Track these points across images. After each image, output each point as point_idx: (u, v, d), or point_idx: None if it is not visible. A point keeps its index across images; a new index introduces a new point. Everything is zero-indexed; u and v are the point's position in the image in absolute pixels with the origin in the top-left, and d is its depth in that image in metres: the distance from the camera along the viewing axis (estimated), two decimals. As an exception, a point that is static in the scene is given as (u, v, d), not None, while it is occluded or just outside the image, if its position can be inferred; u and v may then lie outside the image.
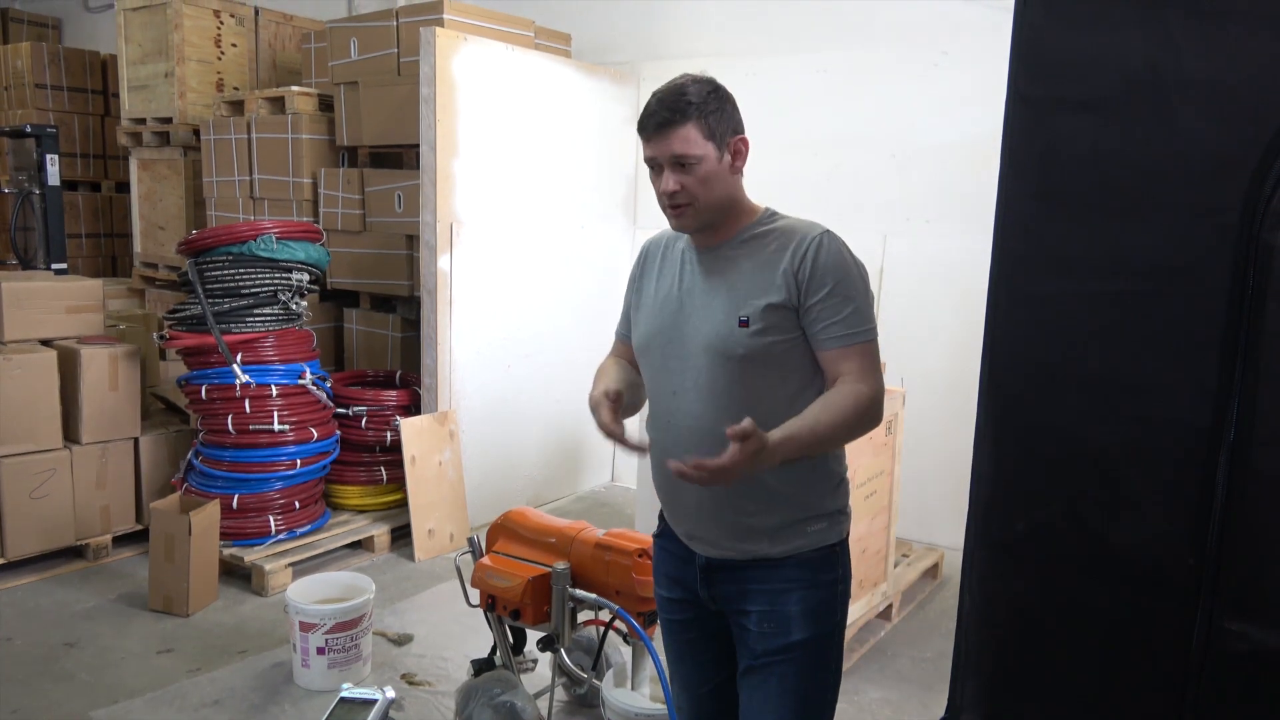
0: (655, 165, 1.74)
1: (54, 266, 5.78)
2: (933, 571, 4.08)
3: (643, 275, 1.94)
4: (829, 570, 1.80)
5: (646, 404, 1.92)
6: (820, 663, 1.81)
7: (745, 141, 1.78)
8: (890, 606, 3.64)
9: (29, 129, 5.93)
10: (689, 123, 1.70)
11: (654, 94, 1.75)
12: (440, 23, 4.40)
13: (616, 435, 1.78)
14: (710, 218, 1.76)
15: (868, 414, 1.69)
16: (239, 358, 3.90)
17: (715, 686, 1.95)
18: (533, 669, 2.88)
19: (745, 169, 1.81)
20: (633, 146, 5.27)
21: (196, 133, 5.60)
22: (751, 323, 1.70)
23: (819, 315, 1.70)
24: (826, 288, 1.69)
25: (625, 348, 2.00)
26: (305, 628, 3.02)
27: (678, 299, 1.82)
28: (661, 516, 1.97)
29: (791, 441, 1.60)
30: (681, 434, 1.78)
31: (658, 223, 1.85)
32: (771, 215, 1.82)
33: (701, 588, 1.85)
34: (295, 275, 4.06)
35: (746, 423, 1.52)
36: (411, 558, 4.21)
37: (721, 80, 1.82)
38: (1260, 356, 1.04)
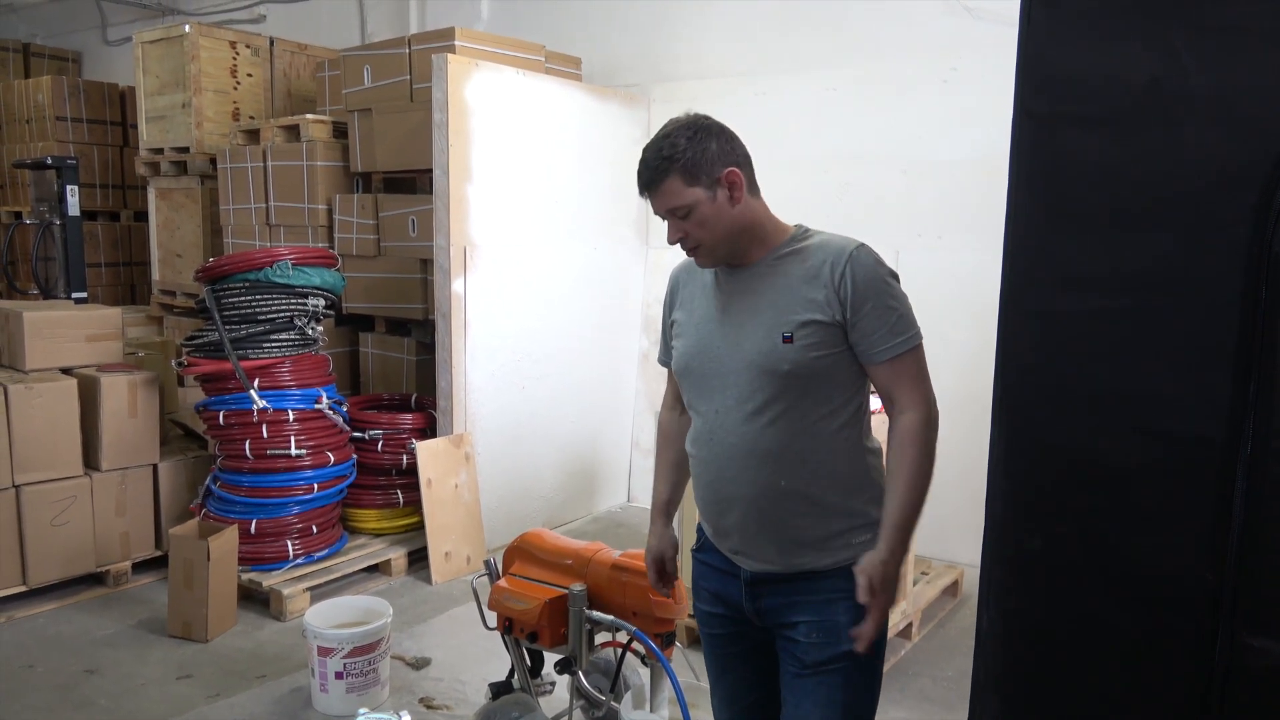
0: (661, 216, 1.79)
1: (74, 295, 5.85)
2: (952, 589, 4.05)
3: (676, 301, 1.96)
4: None
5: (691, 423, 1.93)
6: (866, 672, 1.82)
7: (735, 173, 1.75)
8: (910, 625, 3.61)
9: (50, 161, 6.03)
10: (669, 177, 1.72)
11: (643, 150, 1.78)
12: (452, 49, 4.45)
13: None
14: (725, 251, 1.79)
15: (929, 438, 1.78)
16: (256, 383, 3.93)
17: (758, 699, 1.95)
18: (551, 691, 2.86)
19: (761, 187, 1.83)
20: (644, 167, 5.30)
21: (213, 161, 5.67)
22: (796, 338, 1.72)
23: (868, 328, 1.72)
24: (870, 300, 1.71)
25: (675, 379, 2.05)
26: (323, 652, 3.03)
27: (715, 319, 1.84)
28: (700, 530, 1.97)
29: (896, 534, 1.72)
30: (725, 450, 1.80)
31: (669, 242, 1.86)
32: (805, 233, 1.83)
33: (747, 602, 1.86)
34: (311, 300, 4.10)
35: (861, 580, 1.70)
36: (428, 581, 4.21)
37: (730, 99, 1.84)
38: (1274, 369, 1.03)
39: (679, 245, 1.79)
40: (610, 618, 2.50)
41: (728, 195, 1.75)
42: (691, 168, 1.73)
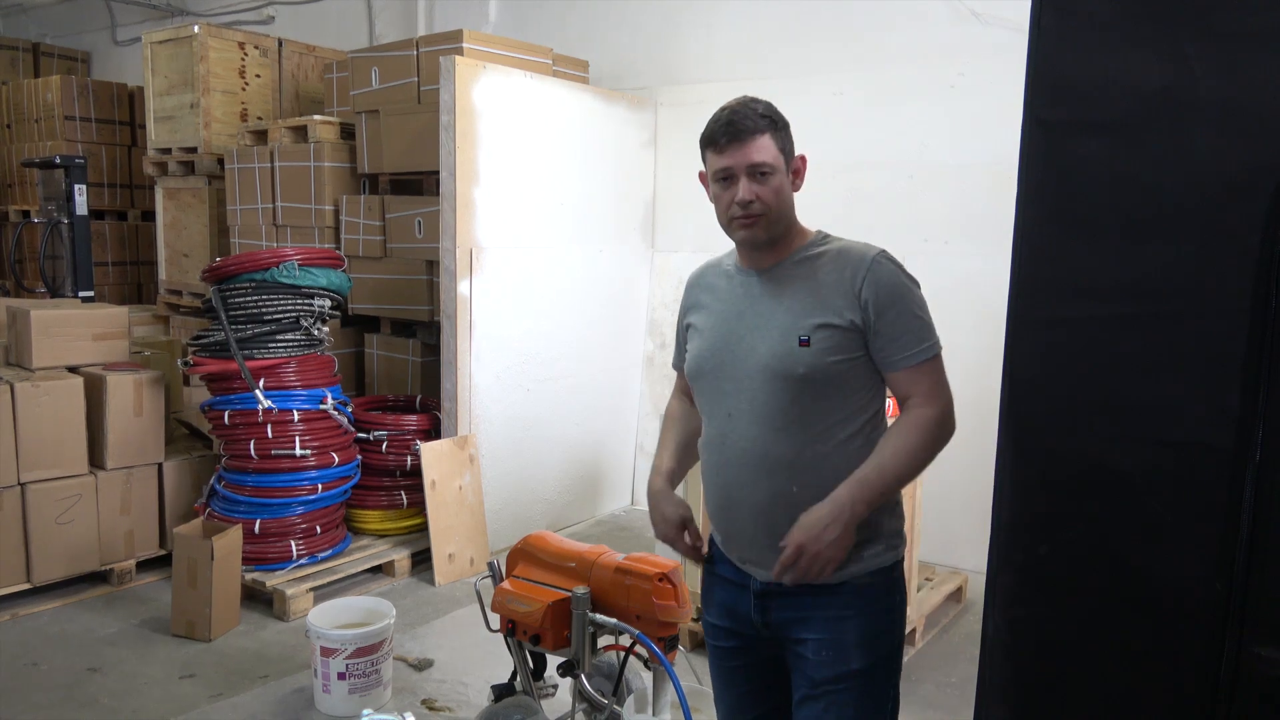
0: (728, 177, 1.76)
1: (81, 294, 5.87)
2: (956, 595, 4.04)
3: (692, 304, 1.95)
4: (886, 595, 1.79)
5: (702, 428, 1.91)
6: (878, 689, 1.78)
7: (804, 160, 1.82)
8: (914, 631, 3.60)
9: (58, 160, 6.05)
10: (765, 134, 1.74)
11: (722, 109, 1.78)
12: (460, 52, 4.46)
13: (698, 557, 1.93)
14: (777, 231, 1.78)
15: (937, 435, 1.74)
16: (261, 383, 3.93)
17: (763, 714, 1.92)
18: (553, 694, 2.86)
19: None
20: (650, 170, 5.30)
21: (221, 162, 5.69)
22: (813, 342, 1.71)
23: (890, 335, 1.72)
24: (894, 307, 1.71)
25: (684, 380, 2.02)
26: (326, 653, 3.03)
27: (731, 322, 1.83)
28: (712, 541, 1.94)
29: (863, 487, 1.68)
30: (736, 455, 1.78)
31: (676, 245, 1.87)
32: (825, 237, 1.84)
33: (755, 614, 1.82)
34: (317, 301, 4.11)
35: (789, 537, 1.68)
36: (432, 582, 4.21)
37: None
38: (1284, 377, 1.03)
39: (744, 209, 1.75)
40: (613, 621, 2.50)
41: (791, 180, 1.79)
42: (784, 134, 1.78)
